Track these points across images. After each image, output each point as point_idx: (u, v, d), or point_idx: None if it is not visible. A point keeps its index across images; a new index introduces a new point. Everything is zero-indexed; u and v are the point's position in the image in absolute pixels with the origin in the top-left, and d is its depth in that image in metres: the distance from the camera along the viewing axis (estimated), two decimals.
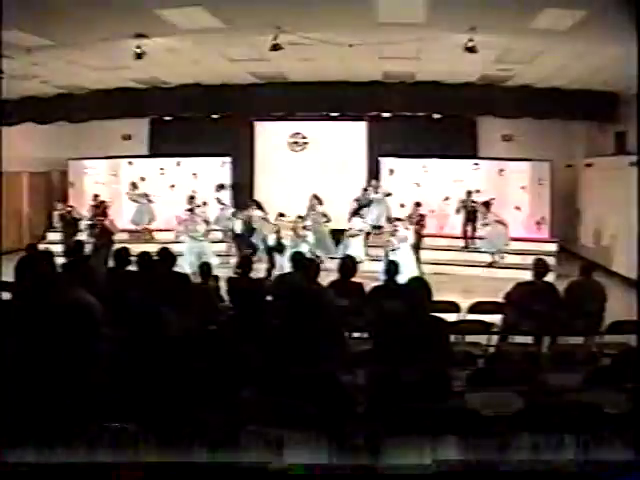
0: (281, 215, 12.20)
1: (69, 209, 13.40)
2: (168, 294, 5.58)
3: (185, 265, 10.35)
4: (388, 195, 13.50)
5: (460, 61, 9.74)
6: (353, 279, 6.87)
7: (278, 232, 11.31)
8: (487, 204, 13.08)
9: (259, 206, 12.82)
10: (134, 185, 14.50)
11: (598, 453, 3.22)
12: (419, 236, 11.95)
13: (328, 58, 10.24)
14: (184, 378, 3.78)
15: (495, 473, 3.10)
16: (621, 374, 4.38)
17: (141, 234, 14.25)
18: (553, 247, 13.33)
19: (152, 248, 7.28)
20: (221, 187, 14.68)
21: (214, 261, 11.23)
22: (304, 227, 11.40)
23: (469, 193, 13.62)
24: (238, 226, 12.43)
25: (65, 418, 3.06)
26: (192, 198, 13.52)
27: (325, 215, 12.65)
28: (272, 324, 4.60)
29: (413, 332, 4.18)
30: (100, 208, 13.52)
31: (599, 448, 3.26)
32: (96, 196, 14.11)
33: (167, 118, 14.94)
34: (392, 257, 10.44)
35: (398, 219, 11.85)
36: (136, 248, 7.57)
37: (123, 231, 14.39)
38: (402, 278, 7.98)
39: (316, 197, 12.93)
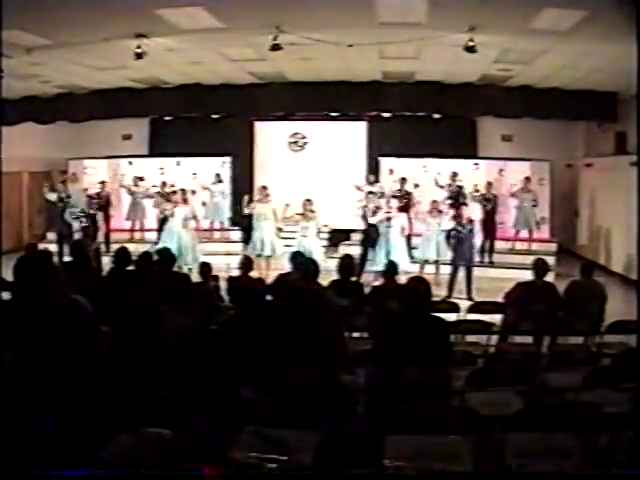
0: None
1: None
2: (168, 294, 5.58)
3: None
4: (382, 195, 13.26)
5: (460, 61, 9.74)
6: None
7: None
8: (528, 179, 13.35)
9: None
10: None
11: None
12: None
13: (328, 58, 10.23)
14: (184, 378, 3.78)
15: (495, 473, 3.10)
16: (621, 374, 4.38)
17: None
18: (553, 247, 13.33)
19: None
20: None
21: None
22: (311, 210, 11.37)
23: (454, 175, 13.42)
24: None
25: (65, 422, 3.06)
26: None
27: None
28: (272, 324, 4.59)
29: (413, 332, 4.18)
30: (102, 199, 13.57)
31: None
32: (102, 182, 14.07)
33: (167, 118, 14.94)
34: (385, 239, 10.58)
35: (394, 196, 11.92)
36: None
37: (122, 230, 14.49)
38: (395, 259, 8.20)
39: (265, 186, 12.33)
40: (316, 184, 15.01)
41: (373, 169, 14.91)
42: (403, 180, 13.39)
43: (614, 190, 12.34)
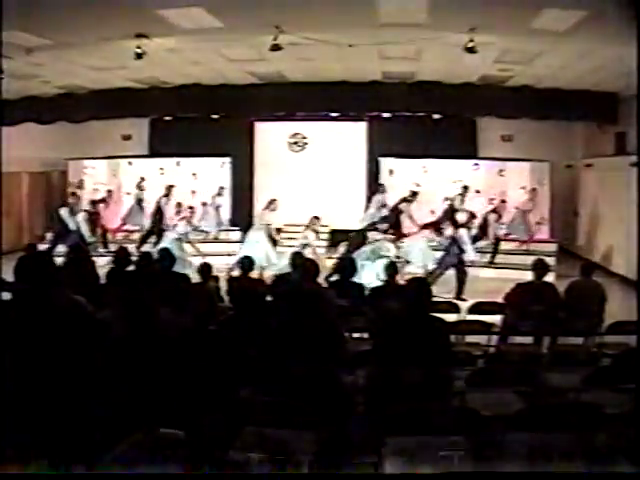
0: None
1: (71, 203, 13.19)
2: (168, 294, 5.58)
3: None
4: (383, 206, 13.04)
5: (460, 61, 9.74)
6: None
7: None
8: (534, 190, 13.59)
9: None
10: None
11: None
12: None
13: (328, 58, 10.22)
14: (183, 378, 3.78)
15: (495, 474, 3.10)
16: (621, 374, 4.39)
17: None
18: (553, 247, 13.33)
19: None
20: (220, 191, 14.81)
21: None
22: (314, 230, 11.34)
23: (465, 188, 13.41)
24: None
25: (65, 423, 3.05)
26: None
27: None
28: (272, 324, 4.59)
29: (413, 332, 4.18)
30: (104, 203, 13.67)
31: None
32: (109, 191, 14.23)
33: (167, 118, 14.93)
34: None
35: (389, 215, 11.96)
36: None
37: (121, 231, 14.50)
38: None
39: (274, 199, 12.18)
40: (316, 184, 15.04)
41: (373, 169, 14.92)
42: (414, 194, 13.28)
43: (614, 190, 12.34)
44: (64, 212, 12.71)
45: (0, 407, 3.00)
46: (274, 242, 11.92)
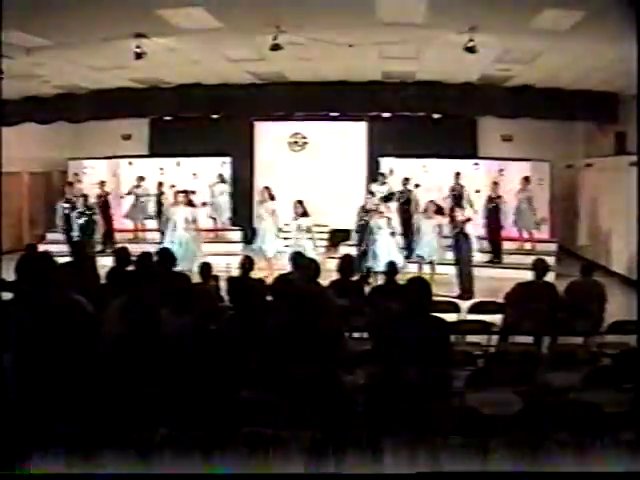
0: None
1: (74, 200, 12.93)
2: (168, 294, 5.57)
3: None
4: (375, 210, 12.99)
5: (460, 61, 9.73)
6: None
7: None
8: (527, 179, 13.47)
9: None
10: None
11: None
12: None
13: (328, 58, 10.23)
14: (184, 378, 3.78)
15: (496, 474, 3.10)
16: (621, 374, 4.39)
17: None
18: (553, 247, 13.33)
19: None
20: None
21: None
22: (303, 212, 11.35)
23: (457, 175, 13.59)
24: None
25: (66, 420, 3.06)
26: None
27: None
28: (272, 324, 4.59)
29: (413, 332, 4.18)
30: (101, 199, 13.65)
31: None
32: (102, 182, 14.16)
33: (167, 118, 14.92)
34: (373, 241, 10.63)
35: (387, 198, 11.94)
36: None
37: (124, 231, 14.50)
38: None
39: (267, 187, 12.28)
40: (316, 184, 15.03)
41: (373, 169, 14.92)
42: (406, 180, 13.54)
43: (614, 190, 12.33)
44: (60, 206, 12.71)
45: (0, 405, 3.01)
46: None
